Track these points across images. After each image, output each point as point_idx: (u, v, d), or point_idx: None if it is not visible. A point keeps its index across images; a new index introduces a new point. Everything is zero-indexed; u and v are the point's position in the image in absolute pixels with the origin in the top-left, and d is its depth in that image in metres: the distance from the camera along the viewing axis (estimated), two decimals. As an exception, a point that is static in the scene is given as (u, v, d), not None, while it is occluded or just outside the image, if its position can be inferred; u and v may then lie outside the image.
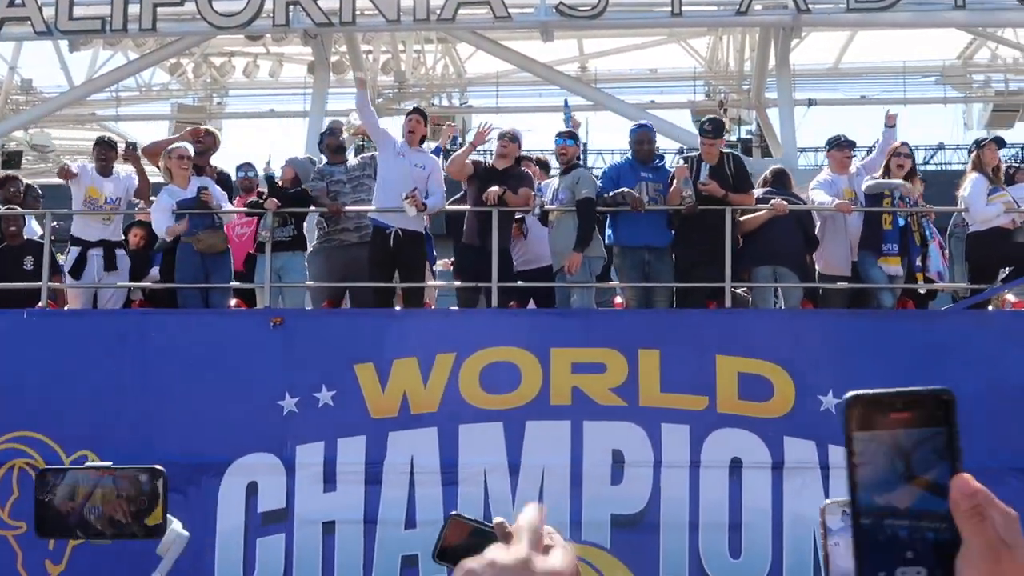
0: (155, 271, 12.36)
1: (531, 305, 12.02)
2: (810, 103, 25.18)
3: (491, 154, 13.12)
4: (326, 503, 10.82)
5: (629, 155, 12.07)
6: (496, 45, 22.68)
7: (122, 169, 12.35)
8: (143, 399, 11.06)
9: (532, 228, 11.83)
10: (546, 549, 1.70)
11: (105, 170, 12.06)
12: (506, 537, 1.93)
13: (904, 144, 12.11)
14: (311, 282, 11.80)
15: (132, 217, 12.44)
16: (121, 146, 12.58)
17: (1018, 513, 1.30)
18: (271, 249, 11.38)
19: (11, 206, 12.94)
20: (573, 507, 10.85)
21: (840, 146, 12.28)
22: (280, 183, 11.87)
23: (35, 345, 11.29)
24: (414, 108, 12.44)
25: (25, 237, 12.65)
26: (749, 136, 26.89)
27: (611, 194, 11.32)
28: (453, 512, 2.16)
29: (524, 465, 10.86)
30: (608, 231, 11.56)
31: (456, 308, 11.72)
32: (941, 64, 28.01)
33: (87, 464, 2.55)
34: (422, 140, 11.87)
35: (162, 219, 11.25)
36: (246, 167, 12.74)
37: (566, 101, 13.47)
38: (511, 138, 11.89)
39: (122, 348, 11.21)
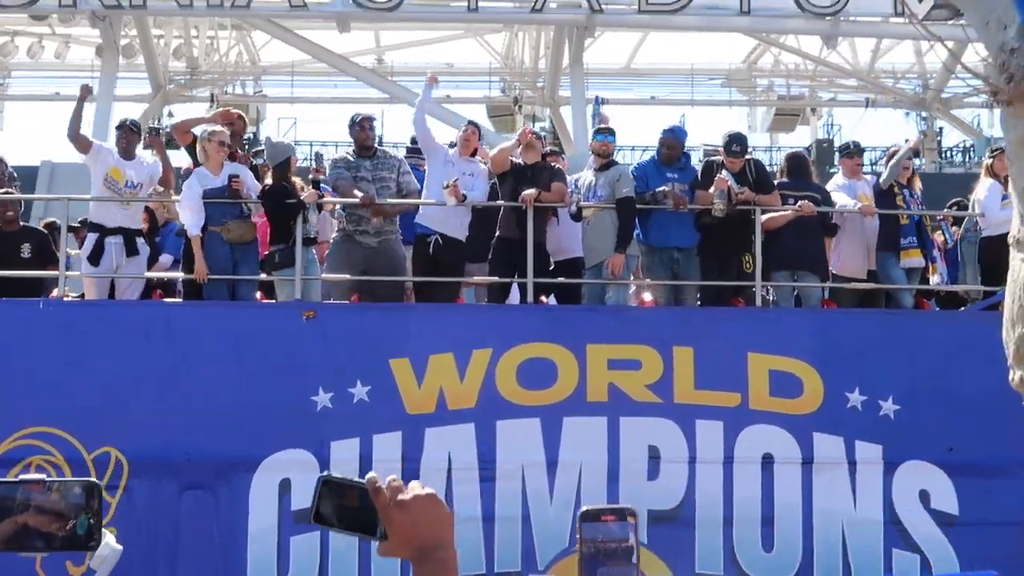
0: (165, 257, 12.00)
1: (551, 299, 12.00)
2: (600, 101, 25.68)
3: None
4: (362, 500, 10.62)
5: (654, 155, 12.14)
6: (291, 34, 22.65)
7: (145, 155, 11.99)
8: (169, 393, 10.75)
9: (562, 219, 11.79)
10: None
11: (128, 154, 11.67)
12: (376, 491, 2.26)
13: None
14: (329, 275, 11.53)
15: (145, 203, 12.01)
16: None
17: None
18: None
19: (8, 189, 12.49)
20: (610, 502, 10.84)
21: (851, 154, 12.58)
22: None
23: (53, 336, 10.88)
24: (470, 121, 12.29)
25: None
26: (543, 132, 27.52)
27: (652, 192, 11.37)
28: (324, 473, 2.29)
29: (561, 461, 10.84)
30: (636, 231, 11.59)
31: (492, 304, 11.60)
32: (727, 68, 28.88)
33: (20, 477, 2.59)
34: (474, 153, 11.76)
35: (193, 208, 10.90)
36: None
37: (597, 98, 13.44)
38: (536, 134, 11.91)
39: (146, 340, 10.88)
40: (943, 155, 32.68)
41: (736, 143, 11.74)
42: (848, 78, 28.35)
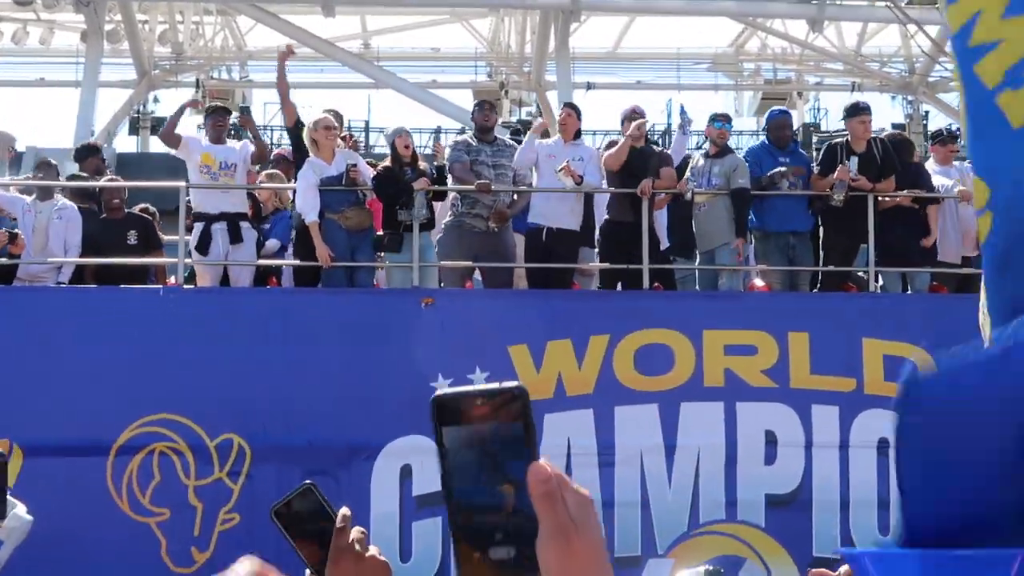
0: (272, 243, 12.03)
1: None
2: (589, 86, 25.58)
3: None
4: (482, 485, 10.69)
5: (764, 140, 12.15)
6: (277, 19, 22.58)
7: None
8: (290, 380, 10.83)
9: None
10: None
11: (218, 138, 11.74)
12: (340, 530, 2.30)
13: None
14: (446, 262, 11.57)
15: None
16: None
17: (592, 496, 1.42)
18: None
19: (113, 177, 12.56)
20: (728, 487, 10.93)
21: (943, 141, 12.55)
22: (404, 158, 11.45)
23: (174, 324, 10.96)
24: (566, 103, 12.26)
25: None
26: (529, 118, 27.41)
27: (767, 175, 11.39)
28: (310, 481, 2.34)
29: (679, 446, 10.90)
30: (751, 216, 11.61)
31: (609, 290, 11.65)
32: (714, 52, 28.76)
33: None
34: (577, 134, 11.77)
35: (310, 199, 10.96)
36: None
37: (682, 107, 13.48)
38: (642, 115, 11.92)
39: (266, 327, 10.95)
40: (928, 139, 32.61)
41: (853, 106, 11.80)
42: (834, 62, 28.19)
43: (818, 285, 11.87)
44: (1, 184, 12.57)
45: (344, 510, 2.27)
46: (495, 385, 1.42)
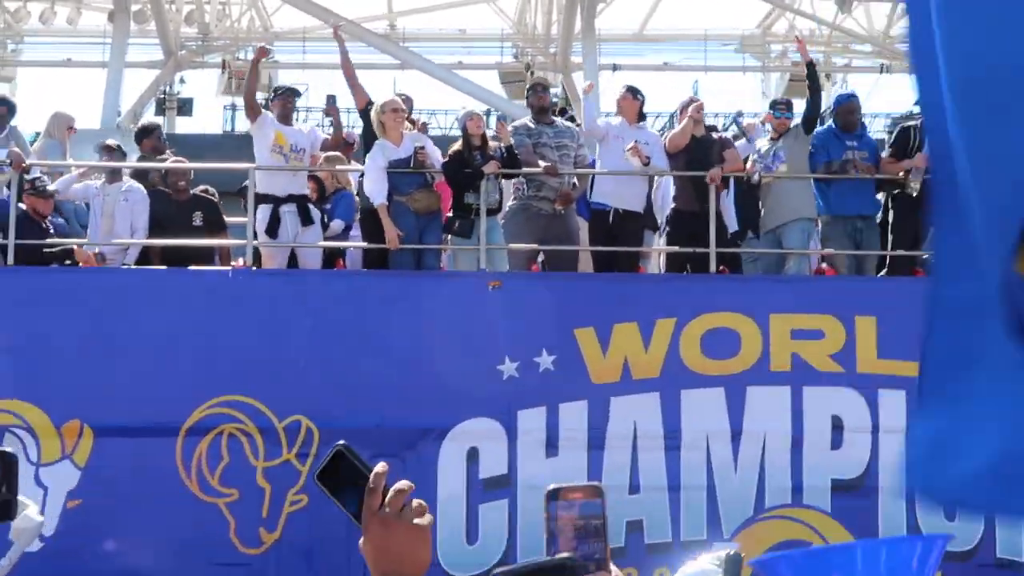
0: (337, 223, 12.04)
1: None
2: (615, 68, 25.42)
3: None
4: (549, 468, 10.74)
5: (831, 124, 12.09)
6: (303, 0, 22.45)
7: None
8: (358, 362, 10.88)
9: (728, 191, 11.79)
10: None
11: (287, 119, 11.76)
12: (370, 491, 2.17)
13: None
14: (514, 245, 11.58)
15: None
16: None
17: None
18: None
19: (179, 158, 12.59)
20: (794, 472, 10.92)
21: None
22: (475, 140, 11.46)
23: (243, 305, 11.02)
24: (627, 86, 12.19)
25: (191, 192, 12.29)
26: (555, 100, 27.24)
27: (840, 162, 11.35)
28: (342, 443, 2.23)
29: (746, 431, 10.90)
30: (818, 200, 11.57)
31: (675, 273, 11.65)
32: (741, 33, 28.52)
33: None
34: (641, 117, 11.76)
35: (378, 182, 10.98)
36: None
37: (736, 117, 13.47)
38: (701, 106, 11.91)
39: (335, 310, 10.99)
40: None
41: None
42: (863, 43, 27.94)
43: (885, 269, 11.83)
44: (68, 167, 12.60)
45: (378, 467, 2.20)
46: (547, 561, 1.51)
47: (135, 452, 10.72)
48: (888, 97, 52.52)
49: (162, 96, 27.08)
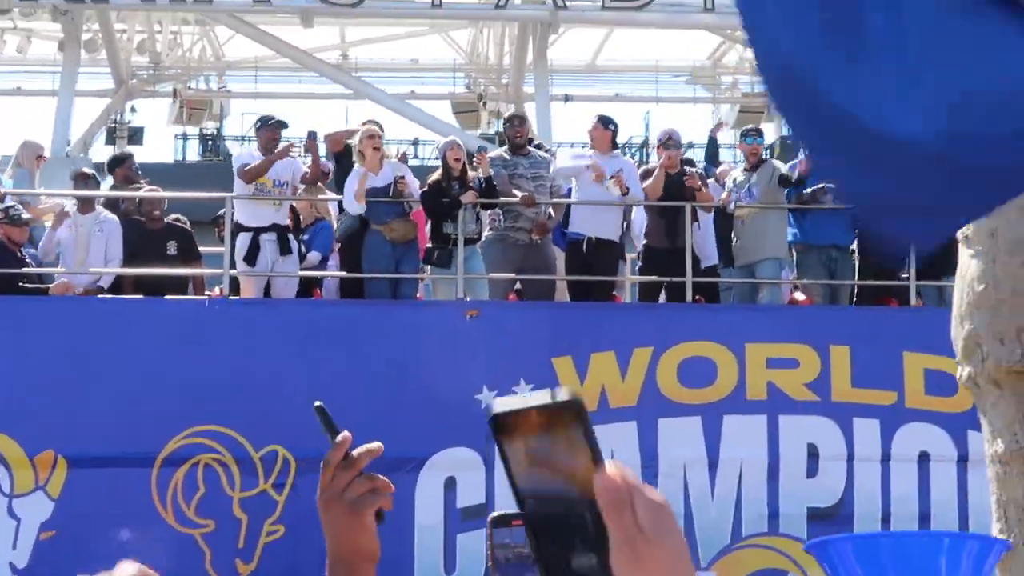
0: (314, 255, 12.04)
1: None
2: (566, 99, 25.67)
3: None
4: (527, 497, 10.71)
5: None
6: (255, 29, 22.63)
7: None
8: (335, 392, 10.82)
9: (703, 225, 11.88)
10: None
11: (270, 151, 11.74)
12: (337, 449, 2.23)
13: None
14: (494, 274, 11.62)
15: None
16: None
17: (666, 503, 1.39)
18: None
19: (153, 187, 12.56)
20: (770, 500, 10.98)
21: None
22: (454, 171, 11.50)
23: (219, 334, 10.98)
24: (599, 116, 12.24)
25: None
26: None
27: (809, 191, 11.46)
28: (319, 403, 2.32)
29: (722, 459, 10.95)
30: (792, 229, 11.68)
31: (652, 303, 11.72)
32: (692, 65, 28.86)
33: None
34: (614, 145, 11.86)
35: (354, 211, 11.00)
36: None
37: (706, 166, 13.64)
38: (677, 144, 12.04)
39: (312, 339, 10.97)
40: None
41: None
42: None
43: (854, 299, 11.95)
44: (39, 195, 12.55)
45: (340, 437, 2.26)
46: (550, 397, 1.40)
47: (110, 482, 10.65)
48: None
49: (113, 125, 26.94)
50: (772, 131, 32.03)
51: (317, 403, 2.25)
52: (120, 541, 10.44)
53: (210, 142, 30.93)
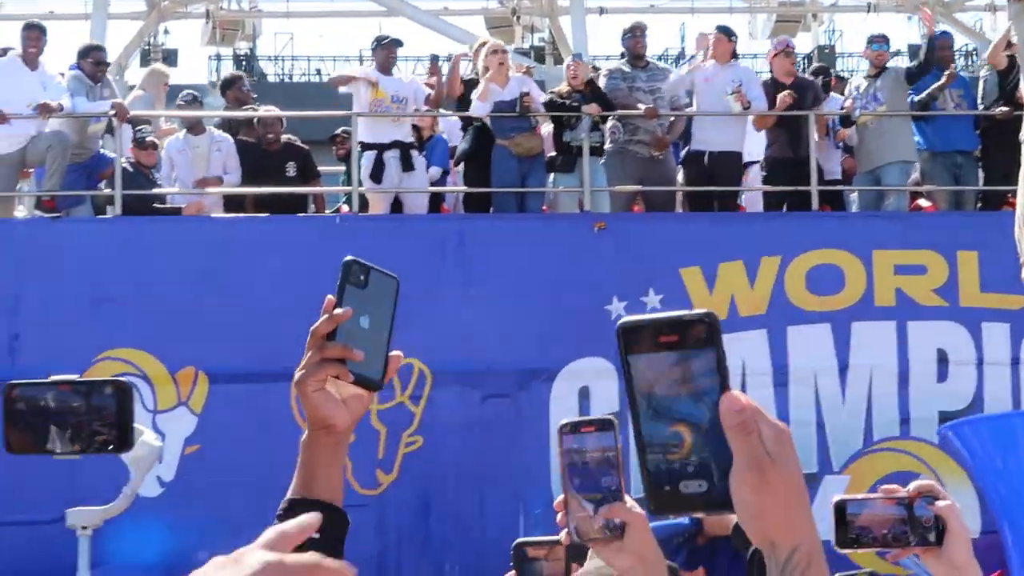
0: (434, 170, 12.11)
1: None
2: (601, 11, 25.33)
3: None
4: (659, 407, 10.84)
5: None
6: None
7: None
8: (468, 305, 10.97)
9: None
10: None
11: (387, 69, 11.80)
12: (330, 321, 2.11)
13: None
14: (618, 187, 11.67)
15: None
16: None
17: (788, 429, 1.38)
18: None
19: (269, 108, 12.65)
20: (901, 405, 11.06)
21: None
22: (572, 86, 11.59)
23: (349, 251, 11.02)
24: (718, 26, 12.22)
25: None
26: (542, 43, 26.64)
27: (927, 92, 11.43)
28: (350, 258, 2.24)
29: (852, 365, 11.02)
30: (916, 136, 11.65)
31: (779, 212, 11.75)
32: None
33: (51, 378, 2.62)
34: (733, 55, 11.82)
35: (482, 108, 11.08)
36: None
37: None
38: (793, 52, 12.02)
39: (442, 254, 11.09)
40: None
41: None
42: None
43: (978, 204, 11.93)
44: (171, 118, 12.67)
45: (346, 310, 2.16)
46: (684, 312, 1.37)
47: (250, 398, 10.85)
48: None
49: (146, 47, 26.97)
50: (807, 41, 31.61)
51: (348, 257, 2.17)
52: (263, 454, 10.67)
53: (244, 62, 30.85)
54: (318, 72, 33.89)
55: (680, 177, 11.97)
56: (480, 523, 10.75)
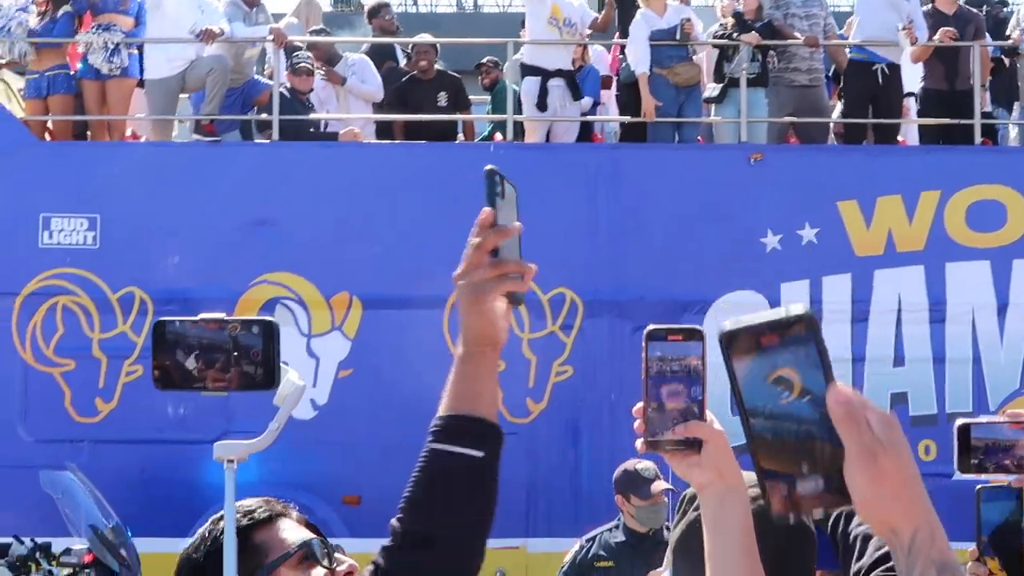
0: (586, 100, 12.02)
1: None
2: None
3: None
4: (812, 340, 10.75)
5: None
6: None
7: None
8: (621, 235, 10.95)
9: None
10: None
11: None
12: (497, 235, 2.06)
13: None
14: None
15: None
16: None
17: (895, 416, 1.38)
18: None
19: (425, 36, 12.63)
20: (1056, 346, 10.84)
21: None
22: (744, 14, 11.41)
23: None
24: None
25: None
26: None
27: None
28: (491, 167, 2.18)
29: (1012, 304, 10.81)
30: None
31: (940, 145, 11.51)
32: None
33: (200, 316, 2.48)
34: None
35: (641, 51, 10.94)
36: None
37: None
38: None
39: (595, 183, 11.05)
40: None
41: None
42: None
43: None
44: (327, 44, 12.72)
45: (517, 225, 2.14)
46: (782, 312, 1.41)
47: (403, 323, 10.95)
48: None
49: None
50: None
51: (489, 167, 2.14)
52: (415, 378, 10.79)
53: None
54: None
55: (838, 104, 11.74)
56: (629, 453, 10.76)
